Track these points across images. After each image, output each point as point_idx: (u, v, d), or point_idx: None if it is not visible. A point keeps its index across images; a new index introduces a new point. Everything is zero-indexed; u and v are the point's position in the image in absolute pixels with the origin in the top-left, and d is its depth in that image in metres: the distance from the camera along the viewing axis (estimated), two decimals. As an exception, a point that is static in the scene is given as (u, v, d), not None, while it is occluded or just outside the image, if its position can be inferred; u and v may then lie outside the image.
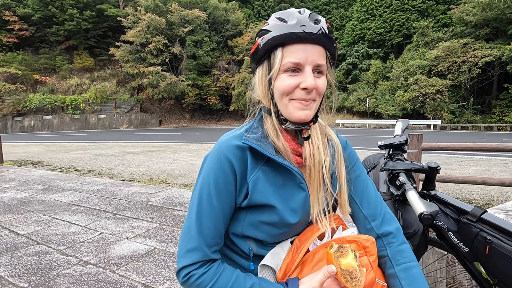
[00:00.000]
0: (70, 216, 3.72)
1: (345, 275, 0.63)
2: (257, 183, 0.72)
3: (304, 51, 0.68)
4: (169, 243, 2.89)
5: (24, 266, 2.45)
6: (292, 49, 0.69)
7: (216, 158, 0.72)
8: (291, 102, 0.71)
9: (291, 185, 0.75)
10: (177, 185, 5.49)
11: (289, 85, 0.70)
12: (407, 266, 0.77)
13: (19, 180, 6.09)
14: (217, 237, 0.73)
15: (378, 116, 27.64)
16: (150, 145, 13.39)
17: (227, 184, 0.71)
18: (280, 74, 0.71)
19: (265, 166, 0.74)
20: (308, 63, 0.69)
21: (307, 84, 0.68)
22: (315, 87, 0.69)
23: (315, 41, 0.69)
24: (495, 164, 7.12)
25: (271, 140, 0.75)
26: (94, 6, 33.09)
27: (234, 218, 0.76)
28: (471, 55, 22.82)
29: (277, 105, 0.74)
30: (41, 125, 31.74)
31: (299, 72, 0.70)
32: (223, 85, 32.75)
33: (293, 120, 0.72)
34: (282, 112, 0.73)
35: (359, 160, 0.89)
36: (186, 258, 0.69)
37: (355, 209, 0.85)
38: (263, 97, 0.77)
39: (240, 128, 0.79)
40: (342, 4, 37.53)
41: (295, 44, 0.69)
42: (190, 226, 0.72)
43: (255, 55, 0.75)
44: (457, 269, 1.49)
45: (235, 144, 0.73)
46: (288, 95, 0.71)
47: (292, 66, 0.69)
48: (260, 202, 0.72)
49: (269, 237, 0.76)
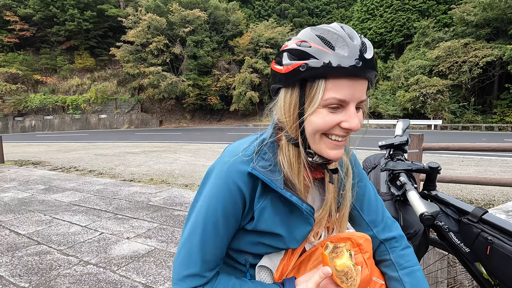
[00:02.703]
0: (71, 216, 3.72)
1: (340, 276, 0.64)
2: (264, 212, 0.68)
3: (351, 87, 0.59)
4: (170, 243, 2.89)
5: (25, 266, 2.45)
6: (337, 84, 0.59)
7: (225, 183, 0.66)
8: (323, 138, 0.64)
9: (297, 218, 0.72)
10: (178, 185, 5.49)
11: (329, 123, 0.61)
12: (410, 270, 0.77)
13: (20, 180, 6.10)
14: (219, 260, 0.71)
15: (379, 116, 27.61)
16: (151, 145, 13.39)
17: (235, 211, 0.68)
18: (319, 108, 0.61)
19: (273, 194, 0.69)
20: (353, 100, 0.60)
21: (352, 125, 0.60)
22: (359, 128, 0.62)
23: (365, 76, 0.60)
24: (496, 164, 7.10)
25: (285, 173, 0.68)
26: (94, 6, 33.16)
27: (234, 235, 0.74)
28: (472, 55, 22.79)
29: (307, 138, 0.65)
30: (42, 125, 31.81)
31: (340, 108, 0.61)
32: (223, 85, 32.78)
33: (326, 157, 0.66)
34: (312, 146, 0.66)
35: (360, 166, 0.88)
36: (184, 283, 0.66)
37: (356, 216, 0.84)
38: (289, 126, 0.66)
39: (250, 145, 0.70)
40: (343, 4, 37.53)
41: (343, 79, 0.59)
42: (192, 251, 0.67)
43: (287, 78, 0.63)
44: (458, 270, 1.49)
45: (246, 170, 0.66)
46: (325, 131, 0.63)
47: (335, 103, 0.60)
48: (266, 230, 0.70)
49: (265, 253, 0.75)
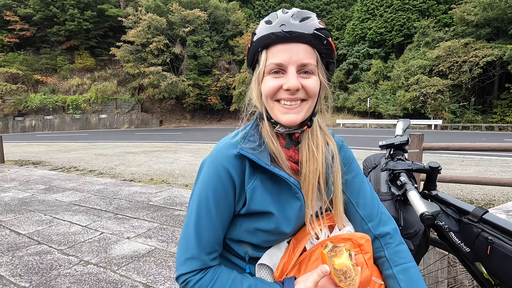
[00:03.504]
0: (71, 216, 3.72)
1: (338, 275, 0.63)
2: (255, 191, 0.71)
3: (287, 51, 0.66)
4: (170, 243, 2.89)
5: (25, 265, 2.46)
6: (274, 50, 0.67)
7: (214, 168, 0.71)
8: (276, 104, 0.70)
9: (287, 194, 0.74)
10: (178, 185, 5.49)
11: (271, 87, 0.68)
12: (405, 267, 0.77)
13: (20, 180, 6.10)
14: (216, 245, 0.73)
15: (379, 116, 27.60)
16: (151, 145, 13.40)
17: (226, 195, 0.71)
18: (265, 76, 0.70)
19: (263, 174, 0.73)
20: (291, 63, 0.66)
21: (289, 84, 0.66)
22: (299, 87, 0.67)
23: (298, 39, 0.66)
24: (496, 164, 7.10)
25: (267, 146, 0.73)
26: (95, 6, 33.17)
27: (231, 224, 0.76)
28: (472, 55, 22.76)
29: (267, 109, 0.72)
30: (42, 125, 31.82)
31: (282, 73, 0.68)
32: (223, 85, 32.79)
33: (281, 123, 0.71)
34: (271, 115, 0.72)
35: (355, 160, 0.88)
36: (184, 266, 0.70)
37: (351, 210, 0.84)
38: (256, 100, 0.76)
39: (237, 134, 0.76)
40: (343, 3, 37.49)
41: (278, 44, 0.67)
42: (189, 236, 0.71)
43: (248, 59, 0.76)
44: (458, 270, 1.48)
45: (233, 153, 0.71)
46: (273, 96, 0.69)
47: (274, 68, 0.67)
48: (258, 210, 0.72)
49: (264, 243, 0.76)
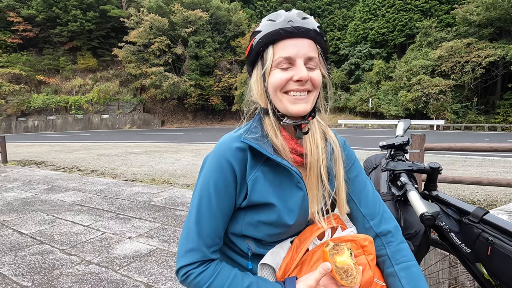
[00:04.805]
0: (73, 216, 3.74)
1: (340, 273, 0.64)
2: (256, 182, 0.72)
3: (295, 45, 0.70)
4: (171, 243, 2.90)
5: (28, 265, 2.47)
6: (282, 45, 0.70)
7: (216, 160, 0.72)
8: (285, 96, 0.72)
9: (289, 184, 0.75)
10: (180, 185, 5.50)
11: (281, 78, 0.70)
12: (406, 265, 0.77)
13: (23, 180, 6.14)
14: (217, 238, 0.73)
15: (381, 117, 27.51)
16: (153, 145, 13.43)
17: (227, 187, 0.72)
18: (273, 70, 0.72)
19: (264, 166, 0.74)
20: (299, 56, 0.70)
21: (300, 75, 0.69)
22: (308, 78, 0.70)
23: (304, 35, 0.70)
24: (498, 164, 7.06)
25: (270, 139, 0.74)
26: (97, 7, 33.26)
27: (233, 218, 0.77)
28: (475, 55, 22.62)
29: (273, 102, 0.74)
30: (44, 126, 31.95)
31: (291, 66, 0.71)
32: (225, 85, 32.81)
33: (290, 114, 0.72)
34: (279, 108, 0.73)
35: (357, 160, 0.89)
36: (185, 258, 0.70)
37: (353, 209, 0.85)
38: (259, 97, 0.78)
39: (239, 129, 0.79)
40: (345, 4, 37.39)
41: (285, 39, 0.70)
42: (190, 227, 0.72)
43: (249, 57, 0.77)
44: (459, 270, 1.48)
45: (235, 146, 0.72)
46: (282, 88, 0.71)
47: (283, 61, 0.70)
48: (259, 201, 0.72)
49: (267, 237, 0.76)
